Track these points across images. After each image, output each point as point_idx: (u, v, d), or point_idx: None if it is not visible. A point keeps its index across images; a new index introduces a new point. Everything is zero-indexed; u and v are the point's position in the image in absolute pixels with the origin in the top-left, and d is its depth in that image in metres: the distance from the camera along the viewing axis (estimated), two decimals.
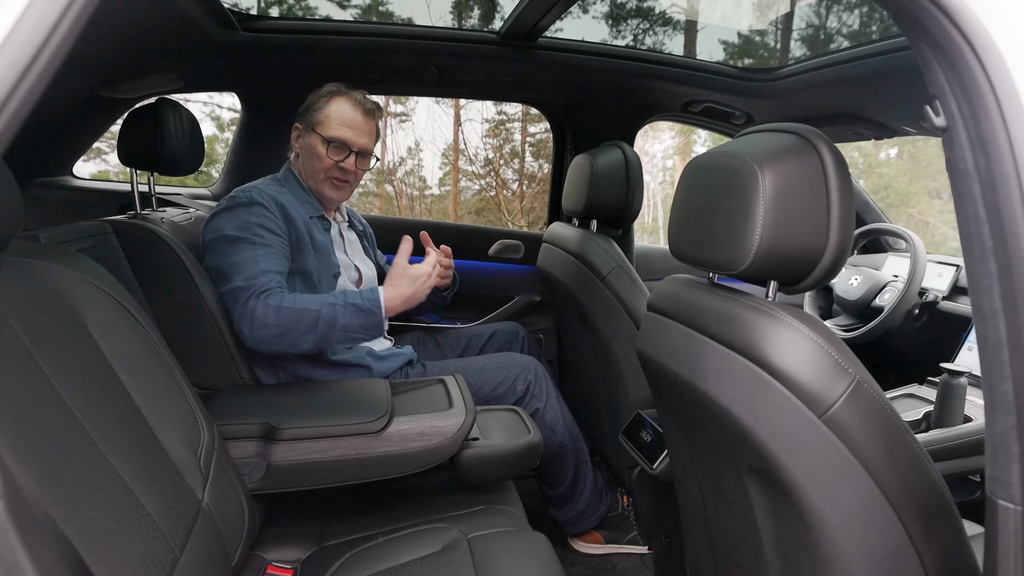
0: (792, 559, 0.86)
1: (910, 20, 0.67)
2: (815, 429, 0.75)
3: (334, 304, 1.40)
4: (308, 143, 1.61)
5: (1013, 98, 0.61)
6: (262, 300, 1.37)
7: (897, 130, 1.98)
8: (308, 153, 1.61)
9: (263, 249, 1.44)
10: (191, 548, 0.88)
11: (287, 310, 1.37)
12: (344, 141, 1.59)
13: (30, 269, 0.88)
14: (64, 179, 2.22)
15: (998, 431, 0.64)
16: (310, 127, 1.60)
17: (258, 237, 1.45)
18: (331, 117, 1.59)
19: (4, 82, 0.44)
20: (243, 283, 1.39)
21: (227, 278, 1.42)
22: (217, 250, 1.45)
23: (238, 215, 1.47)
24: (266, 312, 1.36)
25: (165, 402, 0.99)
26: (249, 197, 1.49)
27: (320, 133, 1.59)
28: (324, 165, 1.60)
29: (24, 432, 0.71)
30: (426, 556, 1.12)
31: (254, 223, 1.45)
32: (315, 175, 1.62)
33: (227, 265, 1.42)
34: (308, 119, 1.61)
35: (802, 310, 0.82)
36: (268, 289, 1.39)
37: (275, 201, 1.51)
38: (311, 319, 1.37)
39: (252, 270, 1.40)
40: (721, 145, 0.95)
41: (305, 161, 1.63)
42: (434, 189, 11.04)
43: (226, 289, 1.41)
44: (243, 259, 1.41)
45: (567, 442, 1.71)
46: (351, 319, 1.41)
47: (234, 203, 1.49)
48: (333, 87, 1.63)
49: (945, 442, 1.28)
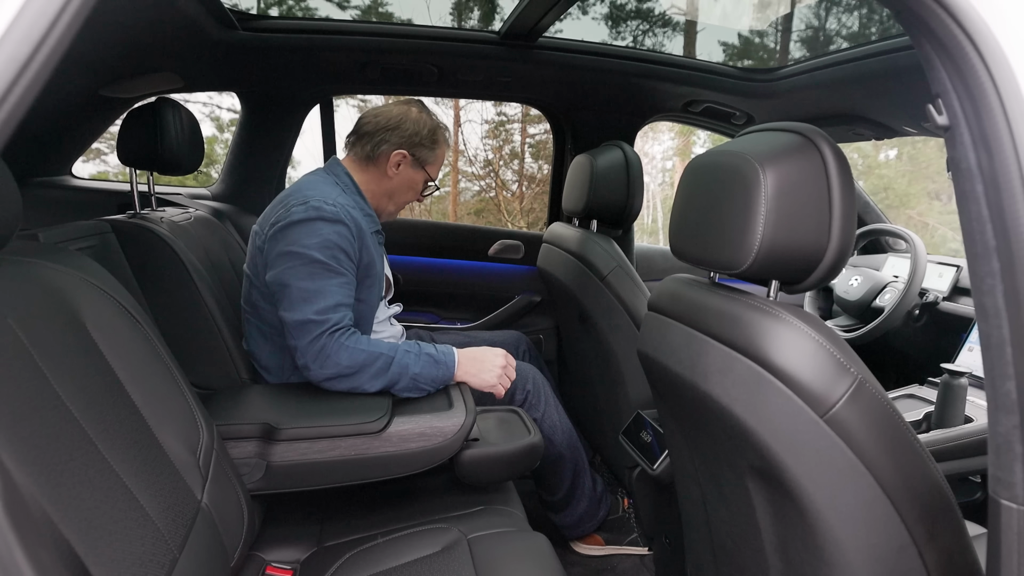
0: (794, 560, 0.85)
1: (913, 18, 0.66)
2: (817, 429, 0.74)
3: (408, 351, 1.35)
4: (414, 177, 1.60)
5: (1016, 96, 0.60)
6: (335, 339, 1.30)
7: (898, 130, 1.98)
8: (407, 185, 1.60)
9: (339, 279, 1.36)
10: (190, 548, 0.87)
11: (361, 352, 1.31)
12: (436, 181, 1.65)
13: (29, 268, 0.88)
14: (63, 179, 2.22)
15: (1001, 431, 0.64)
16: (421, 163, 1.59)
17: (337, 263, 1.36)
18: (440, 159, 1.61)
19: (2, 78, 0.44)
20: (317, 316, 1.31)
21: (296, 305, 1.33)
22: (289, 267, 1.35)
23: (320, 231, 1.36)
24: (339, 352, 1.30)
25: (164, 402, 0.99)
26: (336, 213, 1.39)
27: (430, 173, 1.62)
28: (415, 198, 1.64)
29: (23, 432, 0.71)
30: (426, 556, 1.11)
31: (336, 244, 1.37)
32: (399, 203, 1.63)
33: (298, 289, 1.33)
34: (420, 155, 1.58)
35: (803, 309, 0.81)
36: (341, 327, 1.33)
37: (355, 222, 1.43)
38: (383, 363, 1.31)
39: (326, 302, 1.32)
40: (722, 144, 0.95)
41: (399, 189, 1.60)
42: None
43: (295, 319, 1.32)
44: (319, 288, 1.33)
45: (565, 451, 1.71)
46: (424, 368, 1.34)
47: (318, 215, 1.37)
48: (441, 127, 1.61)
49: (946, 443, 1.28)
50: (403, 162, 1.57)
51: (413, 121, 1.57)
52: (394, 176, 1.58)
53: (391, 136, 1.55)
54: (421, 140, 1.57)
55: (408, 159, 1.57)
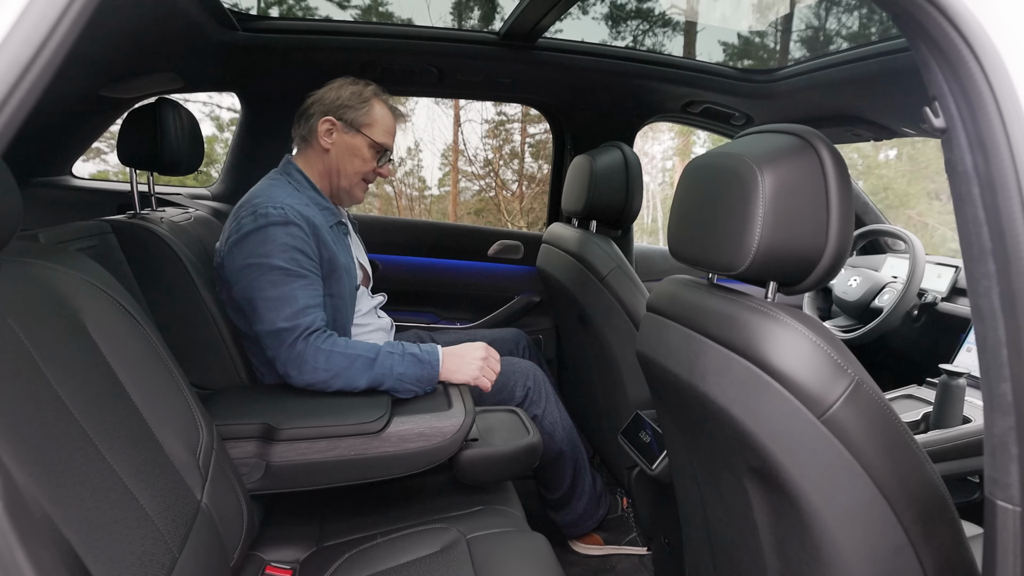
0: (791, 559, 0.86)
1: (909, 22, 0.67)
2: (814, 430, 0.75)
3: (391, 352, 1.34)
4: (352, 143, 1.51)
5: (1012, 100, 0.61)
6: (311, 343, 1.29)
7: (896, 131, 1.99)
8: (348, 153, 1.52)
9: (301, 281, 1.34)
10: (190, 548, 0.88)
11: (339, 355, 1.30)
12: (387, 149, 1.56)
13: (30, 269, 0.88)
14: (63, 179, 2.22)
15: (997, 432, 0.64)
16: (355, 127, 1.51)
17: (297, 265, 1.34)
18: (379, 122, 1.53)
19: (4, 81, 0.44)
20: (286, 323, 1.30)
21: (264, 317, 1.31)
22: (249, 280, 1.33)
23: (273, 237, 1.34)
24: (316, 356, 1.29)
25: (164, 402, 0.99)
26: (284, 216, 1.35)
27: (369, 136, 1.51)
28: (367, 168, 1.53)
29: (23, 432, 0.71)
30: (425, 556, 1.11)
31: (291, 246, 1.34)
32: (350, 176, 1.53)
33: (263, 300, 1.31)
34: (350, 117, 1.51)
35: (801, 311, 0.82)
36: (314, 329, 1.31)
37: (307, 220, 1.39)
38: (363, 364, 1.30)
39: (293, 307, 1.31)
40: (721, 146, 0.95)
41: (341, 160, 1.52)
42: (433, 190, 11.05)
43: (267, 330, 1.31)
44: (283, 294, 1.31)
45: (565, 447, 1.71)
46: (409, 368, 1.33)
47: (267, 222, 1.34)
48: (371, 89, 1.54)
49: (944, 443, 1.28)
50: (333, 128, 1.51)
51: (336, 88, 1.53)
52: (330, 147, 1.52)
53: (314, 108, 1.53)
54: (344, 102, 1.51)
55: (337, 124, 1.51)
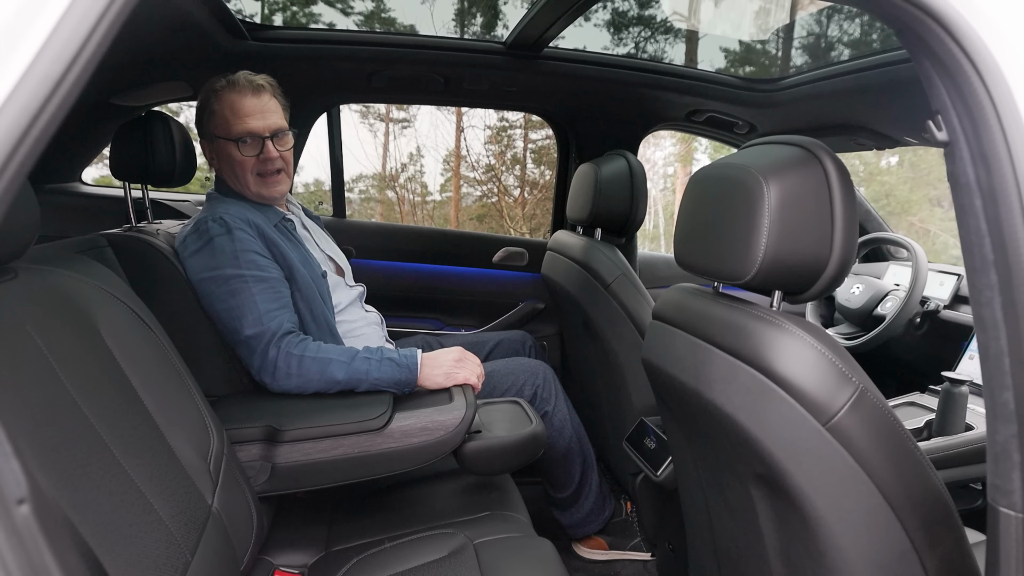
0: (796, 565, 0.87)
1: (912, 36, 0.68)
2: (819, 437, 0.76)
3: (368, 358, 1.31)
4: (221, 152, 1.46)
5: (1013, 113, 0.62)
6: (283, 349, 1.28)
7: (899, 141, 2.00)
8: (227, 163, 1.46)
9: (260, 285, 1.32)
10: (202, 552, 0.89)
11: (311, 360, 1.29)
12: (251, 132, 1.43)
13: (46, 276, 0.90)
14: (73, 185, 2.24)
15: (999, 439, 0.65)
16: (211, 136, 1.46)
17: (252, 267, 1.32)
18: (225, 115, 1.43)
19: (36, 98, 0.46)
20: (252, 330, 1.29)
21: (230, 327, 1.32)
22: (208, 292, 1.33)
23: (219, 247, 1.33)
24: (288, 362, 1.28)
25: (176, 408, 1.00)
26: (225, 225, 1.34)
27: (224, 137, 1.44)
28: (247, 166, 1.44)
29: (43, 437, 0.72)
30: (433, 561, 1.12)
31: (241, 250, 1.33)
32: (244, 180, 1.46)
33: (225, 311, 1.31)
34: (205, 129, 1.46)
35: (806, 320, 0.83)
36: (284, 333, 1.30)
37: (248, 222, 1.37)
38: (338, 368, 1.29)
39: (254, 313, 1.30)
40: (726, 157, 0.96)
41: (229, 172, 1.47)
42: (435, 195, 11.07)
43: (237, 340, 1.31)
44: (241, 302, 1.30)
45: (574, 445, 1.73)
46: (385, 373, 1.31)
47: (209, 236, 1.34)
48: (209, 84, 1.46)
49: (947, 450, 1.29)
50: (206, 147, 1.49)
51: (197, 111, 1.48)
52: (217, 165, 1.49)
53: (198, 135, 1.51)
54: (198, 120, 1.47)
55: (204, 145, 1.49)
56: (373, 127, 10.57)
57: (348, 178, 8.51)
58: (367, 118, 10.41)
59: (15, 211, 0.77)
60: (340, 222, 2.39)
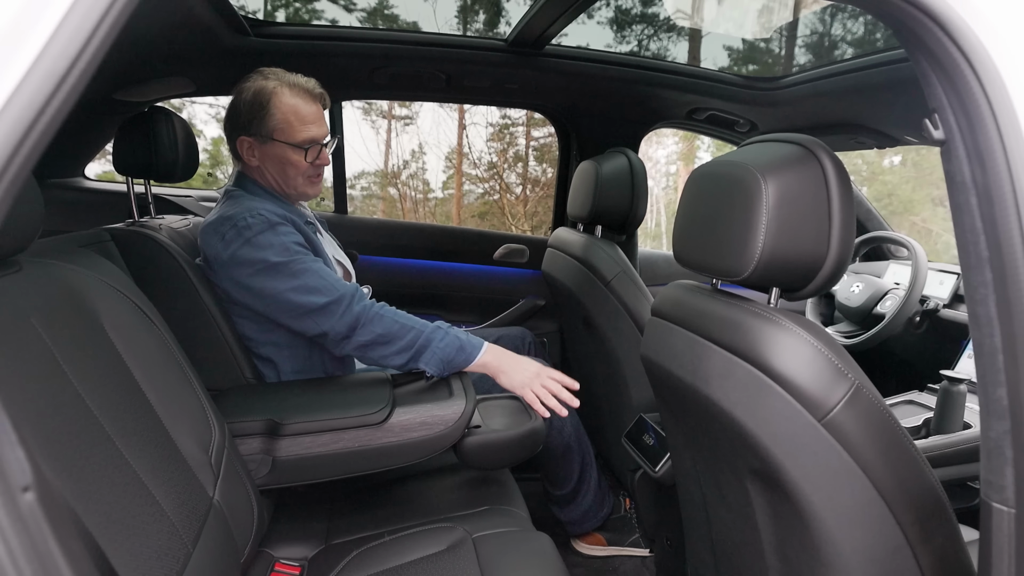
0: (792, 560, 0.87)
1: (909, 35, 0.69)
2: (815, 433, 0.77)
3: (438, 328, 1.35)
4: (273, 153, 1.44)
5: (1009, 113, 0.63)
6: (367, 307, 1.30)
7: (900, 140, 2.00)
8: (278, 163, 1.45)
9: (316, 263, 1.33)
10: (203, 544, 0.90)
11: (391, 321, 1.31)
12: (314, 139, 1.45)
13: (50, 270, 0.91)
14: (76, 180, 2.25)
15: (992, 435, 0.66)
16: (266, 136, 1.43)
17: (303, 253, 1.34)
18: (289, 119, 1.42)
19: (40, 93, 0.46)
20: (330, 297, 1.29)
21: (299, 304, 1.30)
22: (263, 286, 1.32)
23: (265, 242, 1.32)
24: (373, 320, 1.30)
25: (178, 401, 1.01)
26: (264, 219, 1.34)
27: (285, 141, 1.43)
28: (301, 168, 1.46)
29: (47, 428, 0.73)
30: (432, 555, 1.13)
31: (287, 242, 1.33)
32: (292, 180, 1.47)
33: (292, 291, 1.30)
34: (259, 129, 1.43)
35: (803, 316, 0.83)
36: (361, 295, 1.31)
37: (284, 218, 1.38)
38: (413, 336, 1.31)
39: (326, 282, 1.31)
40: (725, 154, 0.97)
41: (277, 172, 1.46)
42: (437, 192, 11.06)
43: (310, 311, 1.30)
44: (308, 279, 1.30)
45: (573, 443, 1.73)
46: (448, 346, 1.33)
47: (251, 231, 1.32)
48: (262, 82, 1.43)
49: (945, 448, 1.29)
50: (252, 145, 1.45)
51: (234, 105, 1.45)
52: (258, 163, 1.46)
53: (229, 130, 1.48)
54: (248, 114, 1.43)
55: (249, 142, 1.45)
56: (375, 124, 10.56)
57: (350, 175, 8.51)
58: (369, 115, 10.39)
59: (20, 205, 0.78)
60: (342, 218, 2.40)
